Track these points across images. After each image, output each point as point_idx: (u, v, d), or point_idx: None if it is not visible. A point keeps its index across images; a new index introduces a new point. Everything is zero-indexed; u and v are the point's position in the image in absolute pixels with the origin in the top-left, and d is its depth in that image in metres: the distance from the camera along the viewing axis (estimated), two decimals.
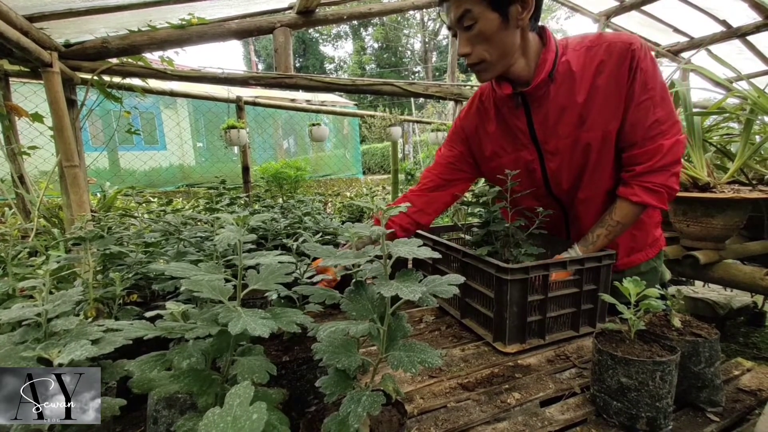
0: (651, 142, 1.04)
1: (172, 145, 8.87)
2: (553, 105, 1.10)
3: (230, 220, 0.65)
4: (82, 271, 1.02)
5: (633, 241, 1.26)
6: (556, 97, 1.09)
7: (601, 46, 1.04)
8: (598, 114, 1.07)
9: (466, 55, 1.04)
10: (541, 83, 1.06)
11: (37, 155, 2.42)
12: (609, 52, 1.03)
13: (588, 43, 1.06)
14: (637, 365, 0.70)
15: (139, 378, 0.57)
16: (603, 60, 1.03)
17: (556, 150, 1.15)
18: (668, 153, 1.03)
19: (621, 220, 1.12)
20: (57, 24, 2.10)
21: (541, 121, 1.13)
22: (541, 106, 1.11)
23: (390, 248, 0.60)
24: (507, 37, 1.00)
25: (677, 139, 1.04)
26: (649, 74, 1.02)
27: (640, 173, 1.07)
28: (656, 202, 1.07)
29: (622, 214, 1.11)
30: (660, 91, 1.03)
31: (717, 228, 1.63)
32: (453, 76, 4.12)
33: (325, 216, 1.78)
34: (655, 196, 1.07)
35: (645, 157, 1.05)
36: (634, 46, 1.01)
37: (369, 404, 0.51)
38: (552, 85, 1.08)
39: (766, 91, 1.68)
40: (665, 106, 1.03)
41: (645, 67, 1.01)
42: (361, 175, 11.20)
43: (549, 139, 1.14)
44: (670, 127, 1.04)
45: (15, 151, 2.27)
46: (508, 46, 1.02)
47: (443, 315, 1.30)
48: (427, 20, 29.62)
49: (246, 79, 3.00)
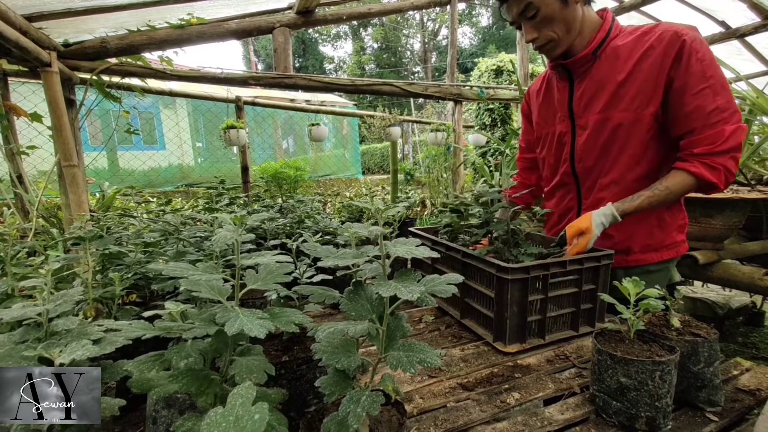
0: (711, 128, 1.03)
1: (171, 144, 8.86)
2: (593, 81, 1.16)
3: (228, 220, 0.65)
4: (82, 271, 1.02)
5: (650, 239, 1.23)
6: (596, 74, 1.15)
7: (654, 33, 1.08)
8: (634, 96, 1.10)
9: (534, 39, 1.13)
10: (582, 58, 1.14)
11: (35, 155, 2.42)
12: (660, 39, 1.06)
13: (644, 28, 1.11)
14: (636, 365, 0.70)
15: (138, 378, 0.57)
16: (652, 45, 1.07)
17: (586, 125, 1.20)
18: (730, 138, 1.02)
19: (671, 187, 1.08)
20: (56, 23, 2.10)
21: (579, 95, 1.20)
22: (583, 81, 1.19)
23: (388, 248, 0.60)
24: (569, 13, 1.09)
25: (739, 125, 1.03)
26: (707, 63, 1.02)
27: (699, 154, 1.05)
28: (715, 178, 1.04)
29: (674, 182, 1.08)
30: (719, 80, 1.03)
31: (716, 228, 1.64)
32: (452, 77, 4.12)
33: (324, 216, 1.78)
34: (714, 173, 1.04)
35: (706, 141, 1.04)
36: (685, 36, 1.03)
37: (368, 404, 0.51)
38: (595, 62, 1.15)
39: (764, 91, 1.68)
40: (725, 95, 1.03)
41: (702, 57, 1.02)
42: (361, 175, 11.19)
43: (583, 114, 1.20)
44: (731, 114, 1.03)
45: (14, 150, 2.27)
46: (570, 21, 1.10)
47: (443, 315, 1.30)
48: (426, 20, 29.63)
49: (245, 79, 3.00)
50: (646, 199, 1.09)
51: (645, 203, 1.09)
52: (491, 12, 29.83)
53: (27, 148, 2.30)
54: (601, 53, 1.14)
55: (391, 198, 3.23)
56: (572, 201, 1.32)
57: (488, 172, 4.43)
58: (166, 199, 2.84)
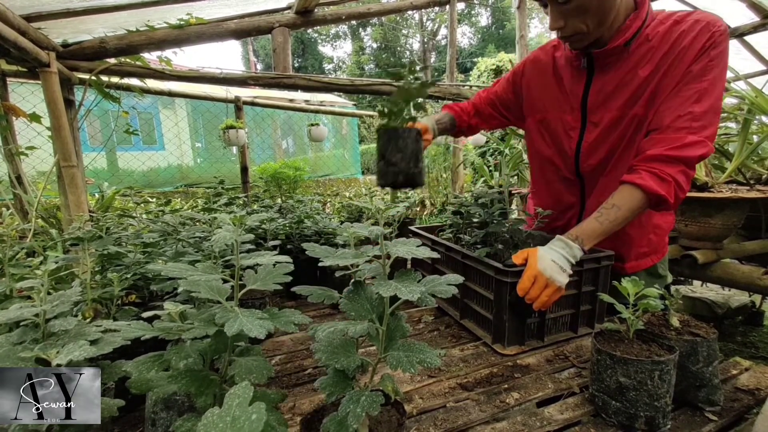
0: (675, 132, 0.93)
1: (170, 145, 8.84)
2: (616, 75, 1.04)
3: (227, 220, 0.65)
4: (80, 272, 1.02)
5: (648, 246, 1.20)
6: (621, 69, 1.03)
7: (688, 21, 0.97)
8: (652, 93, 1.00)
9: (560, 28, 0.99)
10: (614, 48, 1.01)
11: (34, 155, 2.41)
12: (692, 27, 0.95)
13: (677, 17, 0.99)
14: (635, 365, 0.70)
15: (137, 378, 0.57)
16: (683, 34, 0.96)
17: (599, 121, 1.09)
18: (688, 147, 0.91)
19: (617, 203, 0.96)
20: (54, 24, 2.10)
21: (597, 90, 1.08)
22: (606, 73, 1.06)
23: (389, 248, 0.60)
24: (608, 3, 0.95)
25: (702, 141, 0.92)
26: (712, 65, 0.93)
27: (650, 157, 0.95)
28: (663, 190, 0.92)
29: (620, 197, 0.96)
30: (710, 86, 0.93)
31: (715, 227, 1.64)
32: (452, 77, 4.12)
33: (324, 216, 1.78)
34: (663, 185, 0.92)
35: (663, 142, 0.94)
36: (717, 28, 0.93)
37: (368, 404, 0.51)
38: (625, 54, 1.02)
39: (763, 91, 1.68)
40: (706, 103, 0.92)
41: (714, 55, 0.93)
42: (360, 175, 11.18)
43: (597, 110, 1.09)
44: (701, 127, 0.92)
45: (12, 151, 2.26)
46: (606, 12, 0.96)
47: (442, 315, 1.30)
48: (426, 20, 29.64)
49: (244, 79, 3.00)
50: (594, 219, 0.97)
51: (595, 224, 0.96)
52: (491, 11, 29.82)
53: (26, 149, 2.29)
54: (633, 45, 1.00)
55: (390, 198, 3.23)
56: (573, 198, 1.24)
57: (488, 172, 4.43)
58: (166, 200, 2.84)
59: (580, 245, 0.95)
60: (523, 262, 0.96)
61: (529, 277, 0.91)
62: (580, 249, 0.95)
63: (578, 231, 0.97)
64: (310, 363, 1.00)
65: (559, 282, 0.90)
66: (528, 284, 0.91)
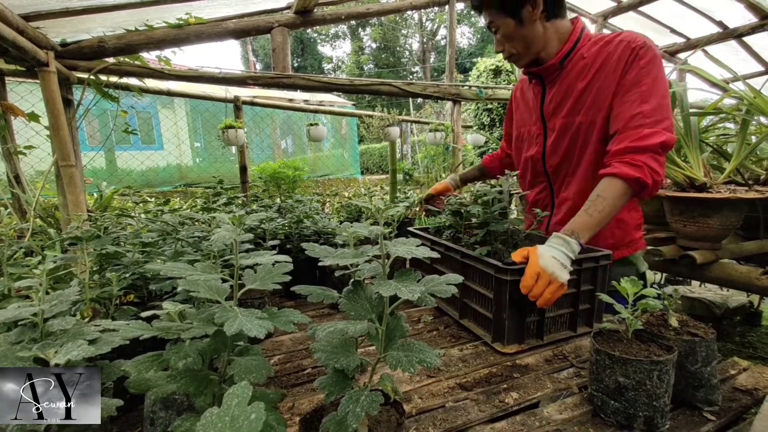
0: (632, 129, 1.05)
1: (169, 144, 8.84)
2: (561, 87, 1.22)
3: (226, 220, 0.65)
4: (79, 271, 1.01)
5: (612, 238, 1.27)
6: (564, 81, 1.21)
7: (614, 42, 1.13)
8: (592, 102, 1.16)
9: (500, 51, 1.23)
10: (550, 67, 1.20)
11: (33, 155, 2.41)
12: (617, 47, 1.11)
13: (608, 38, 1.15)
14: (634, 365, 0.70)
15: (135, 378, 0.57)
16: (611, 53, 1.12)
17: (554, 128, 1.26)
18: (648, 137, 1.01)
19: (601, 194, 1.03)
20: (53, 23, 2.09)
21: (549, 100, 1.27)
22: (553, 87, 1.25)
23: (389, 248, 0.60)
24: (527, 33, 1.15)
25: (658, 131, 1.01)
26: (645, 71, 1.06)
27: (618, 152, 1.05)
28: (639, 173, 1.00)
29: (602, 189, 1.04)
30: (652, 87, 1.04)
31: (713, 228, 1.64)
32: (451, 77, 4.13)
33: (323, 216, 1.78)
34: (637, 170, 1.01)
35: (625, 139, 1.05)
36: (637, 44, 1.08)
37: (367, 404, 0.51)
38: (563, 71, 1.21)
39: (762, 91, 1.68)
40: (654, 102, 1.04)
41: (643, 64, 1.06)
42: (360, 175, 11.19)
43: (551, 117, 1.27)
44: (655, 122, 1.02)
45: (11, 150, 2.26)
46: (529, 40, 1.17)
47: (441, 315, 1.30)
48: (425, 20, 29.65)
49: (244, 79, 3.00)
50: (584, 212, 1.04)
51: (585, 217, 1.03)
52: None
53: (24, 148, 2.29)
54: (568, 63, 1.19)
55: (389, 198, 3.23)
56: (547, 197, 1.39)
57: None
58: (164, 199, 2.83)
59: (577, 239, 0.98)
60: (523, 260, 0.97)
61: (531, 274, 0.92)
62: (577, 243, 0.98)
63: (572, 226, 1.02)
64: (309, 363, 1.00)
65: (562, 278, 0.91)
66: (531, 282, 0.92)
